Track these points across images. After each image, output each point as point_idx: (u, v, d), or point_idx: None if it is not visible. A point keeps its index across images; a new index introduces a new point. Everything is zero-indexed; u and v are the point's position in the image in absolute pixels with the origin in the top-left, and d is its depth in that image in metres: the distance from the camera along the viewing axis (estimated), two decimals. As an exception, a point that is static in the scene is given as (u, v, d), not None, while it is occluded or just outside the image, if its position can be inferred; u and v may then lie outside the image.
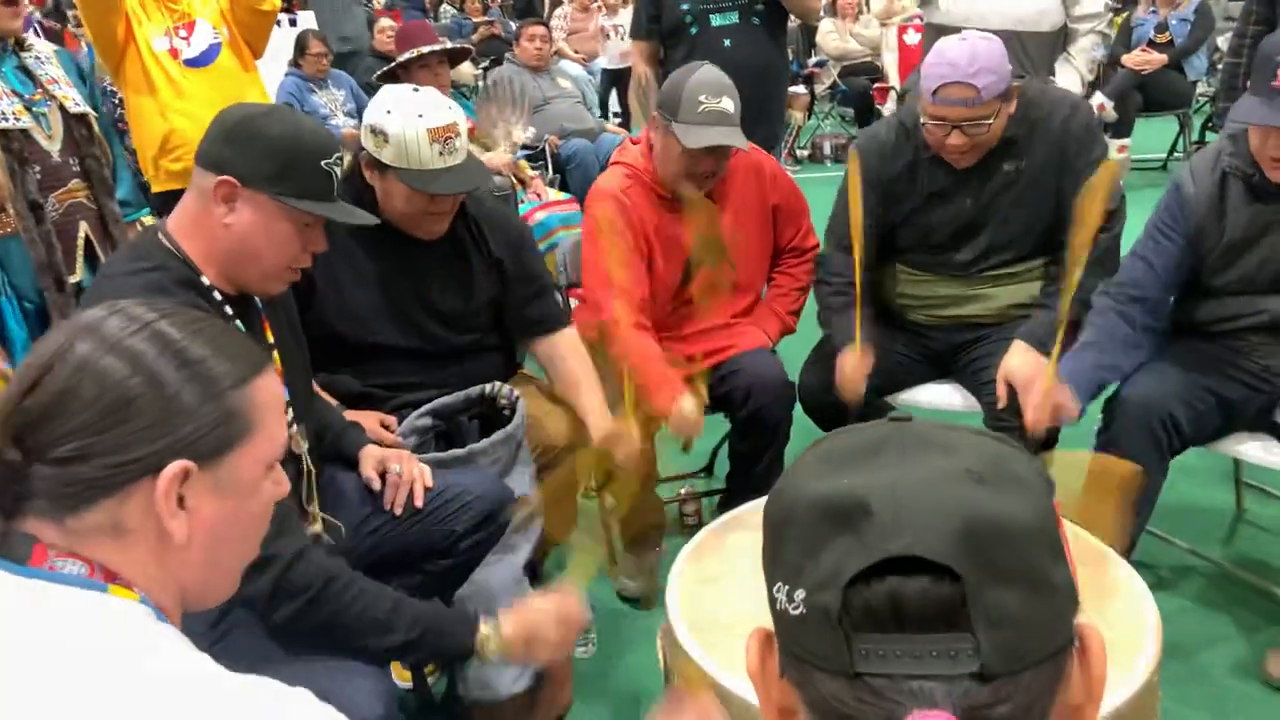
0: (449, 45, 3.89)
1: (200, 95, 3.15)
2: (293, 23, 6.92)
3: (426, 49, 3.72)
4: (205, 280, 1.47)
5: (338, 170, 1.52)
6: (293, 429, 1.60)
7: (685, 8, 3.22)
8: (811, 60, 8.95)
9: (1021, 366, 2.13)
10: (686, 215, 2.34)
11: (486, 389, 2.11)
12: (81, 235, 2.36)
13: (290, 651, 1.40)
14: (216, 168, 1.45)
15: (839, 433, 0.61)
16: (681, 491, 2.79)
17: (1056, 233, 2.28)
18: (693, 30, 3.23)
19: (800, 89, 7.98)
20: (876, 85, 7.59)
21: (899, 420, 0.60)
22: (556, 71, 5.41)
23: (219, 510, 0.83)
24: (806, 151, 8.01)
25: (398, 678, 2.05)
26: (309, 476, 1.65)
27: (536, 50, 5.18)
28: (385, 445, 1.89)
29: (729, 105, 2.24)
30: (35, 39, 2.48)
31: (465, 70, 5.32)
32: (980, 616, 0.50)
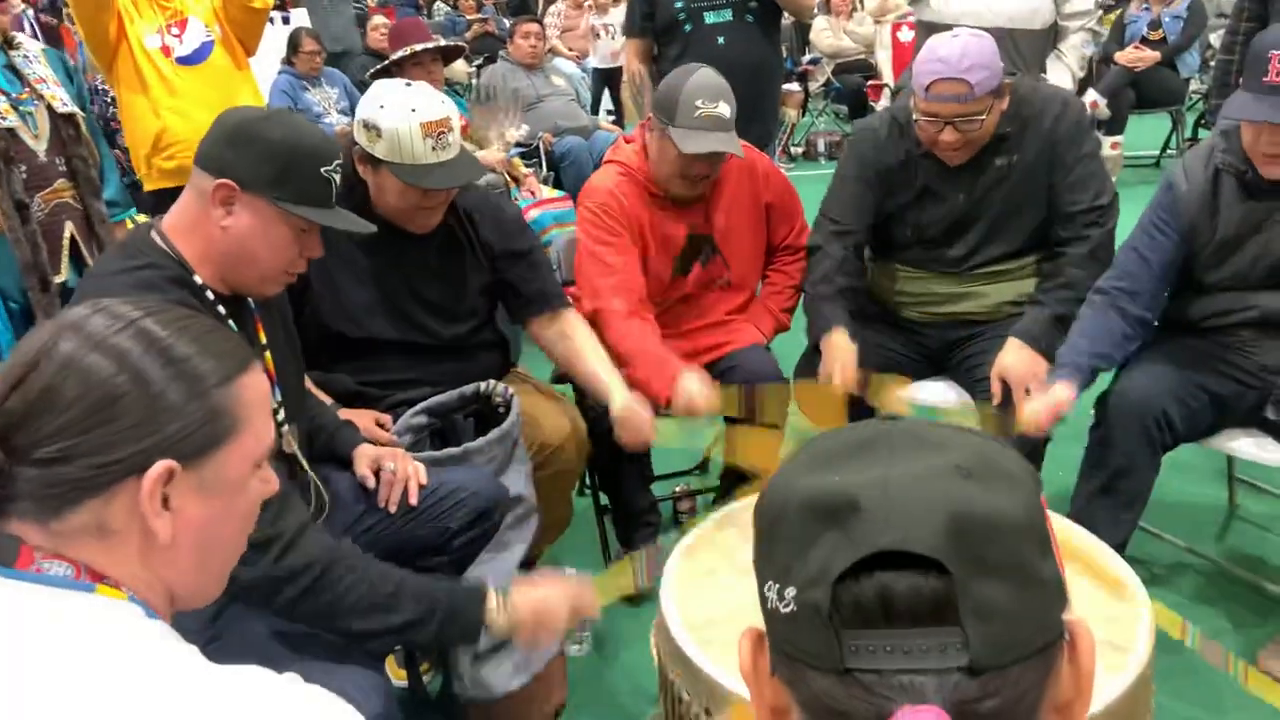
0: (443, 43, 3.90)
1: (193, 93, 3.14)
2: (285, 20, 6.90)
3: (420, 46, 3.72)
4: (198, 279, 1.47)
5: (337, 177, 1.52)
6: (285, 429, 1.60)
7: (679, 5, 3.22)
8: (805, 57, 8.95)
9: (1015, 364, 2.14)
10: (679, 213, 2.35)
11: (481, 387, 2.11)
12: (67, 235, 2.35)
13: (287, 648, 1.40)
14: (216, 170, 1.44)
15: (829, 433, 0.61)
16: (676, 489, 2.79)
17: (1048, 229, 2.29)
18: (686, 28, 3.23)
19: (794, 86, 7.98)
20: (870, 82, 7.61)
21: (889, 419, 0.60)
22: (550, 69, 5.41)
23: (205, 510, 0.83)
24: (801, 149, 8.01)
25: (393, 676, 2.05)
26: (302, 477, 1.65)
27: (531, 48, 5.18)
28: (380, 444, 1.89)
29: (726, 110, 2.23)
30: (24, 37, 2.46)
31: (459, 68, 5.33)
32: (969, 610, 0.51)
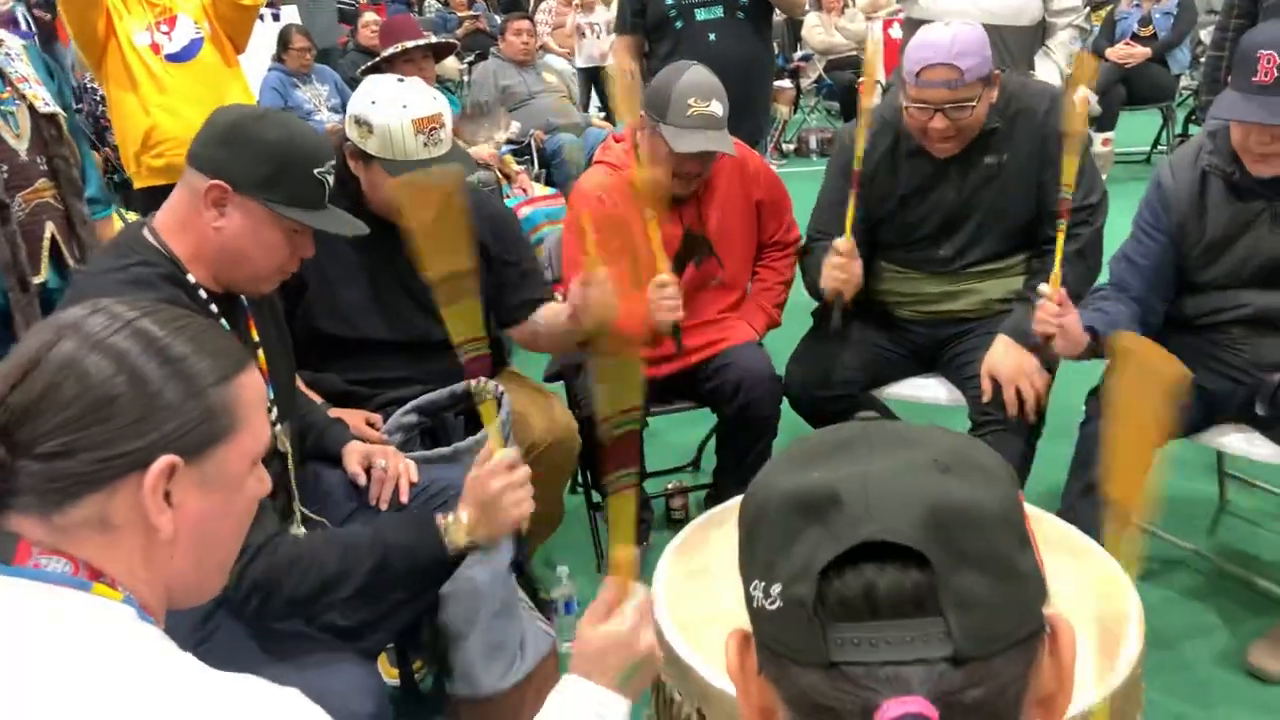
0: (433, 40, 3.87)
1: (182, 91, 3.13)
2: (275, 18, 6.87)
3: (411, 44, 3.70)
4: (190, 278, 1.46)
5: (330, 178, 1.51)
6: (276, 427, 1.59)
7: (670, 2, 3.21)
8: (797, 54, 8.96)
9: (1005, 361, 2.14)
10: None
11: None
12: (47, 236, 2.32)
13: (278, 650, 1.40)
14: (209, 170, 1.43)
15: (809, 435, 0.62)
16: (669, 486, 2.79)
17: (1037, 227, 2.29)
18: (677, 25, 3.23)
19: (786, 83, 7.98)
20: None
21: (867, 421, 0.61)
22: (542, 66, 5.40)
23: (205, 506, 0.84)
24: (792, 146, 8.03)
25: (385, 675, 2.05)
26: (293, 474, 1.64)
27: (523, 45, 5.17)
28: (371, 443, 1.89)
29: (718, 109, 2.23)
30: (4, 34, 2.44)
31: (450, 65, 5.31)
32: (950, 601, 0.52)
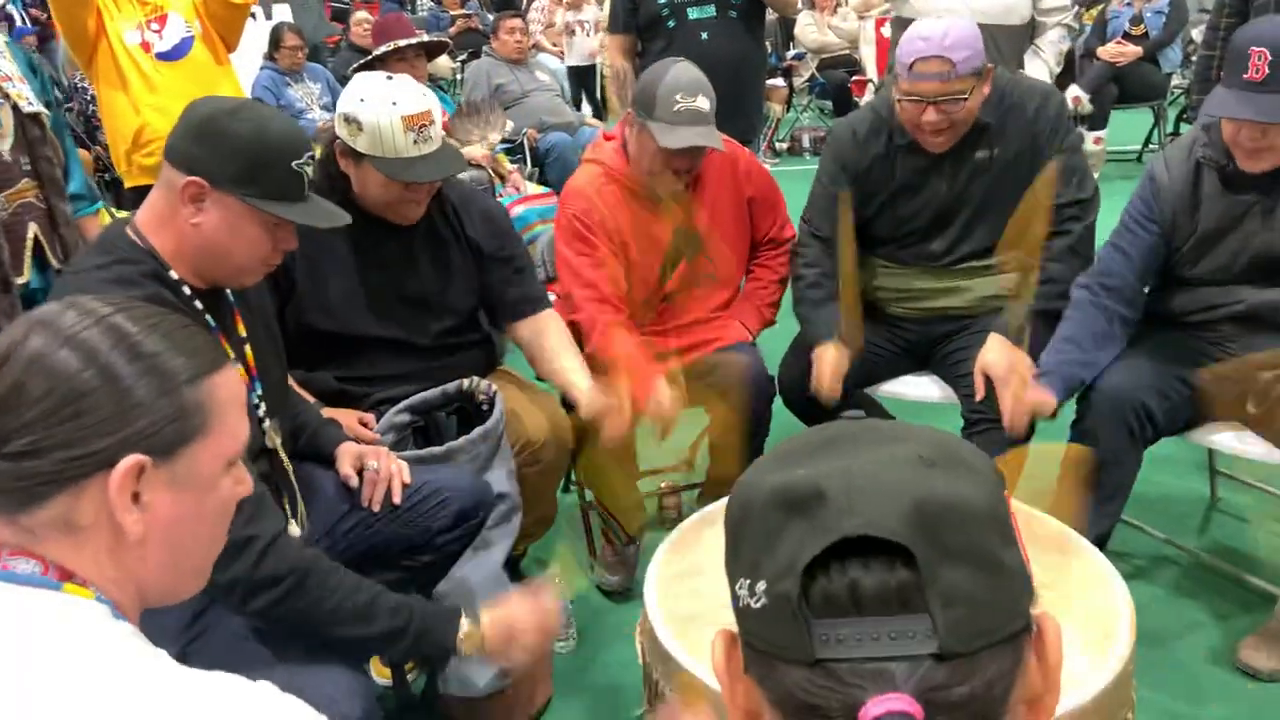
0: (426, 38, 3.87)
1: (173, 89, 3.11)
2: (268, 16, 6.86)
3: (403, 42, 3.70)
4: (174, 275, 1.46)
5: (309, 169, 1.50)
6: (266, 424, 1.59)
7: (662, 1, 3.21)
8: (790, 53, 8.96)
9: (998, 360, 2.14)
10: (662, 211, 2.34)
11: (465, 384, 2.10)
12: (30, 236, 2.31)
13: (268, 650, 1.39)
14: (184, 167, 1.43)
15: (794, 435, 0.62)
16: (662, 485, 2.79)
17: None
18: (670, 24, 3.22)
19: (779, 82, 7.98)
20: (855, 78, 7.61)
21: (853, 419, 0.61)
22: (535, 64, 5.40)
23: (176, 506, 0.82)
24: (785, 144, 8.03)
25: (377, 675, 2.04)
26: (284, 473, 1.64)
27: (516, 44, 5.16)
28: (364, 443, 1.88)
29: (705, 104, 2.23)
30: None
31: (442, 64, 5.30)
32: (935, 596, 0.51)
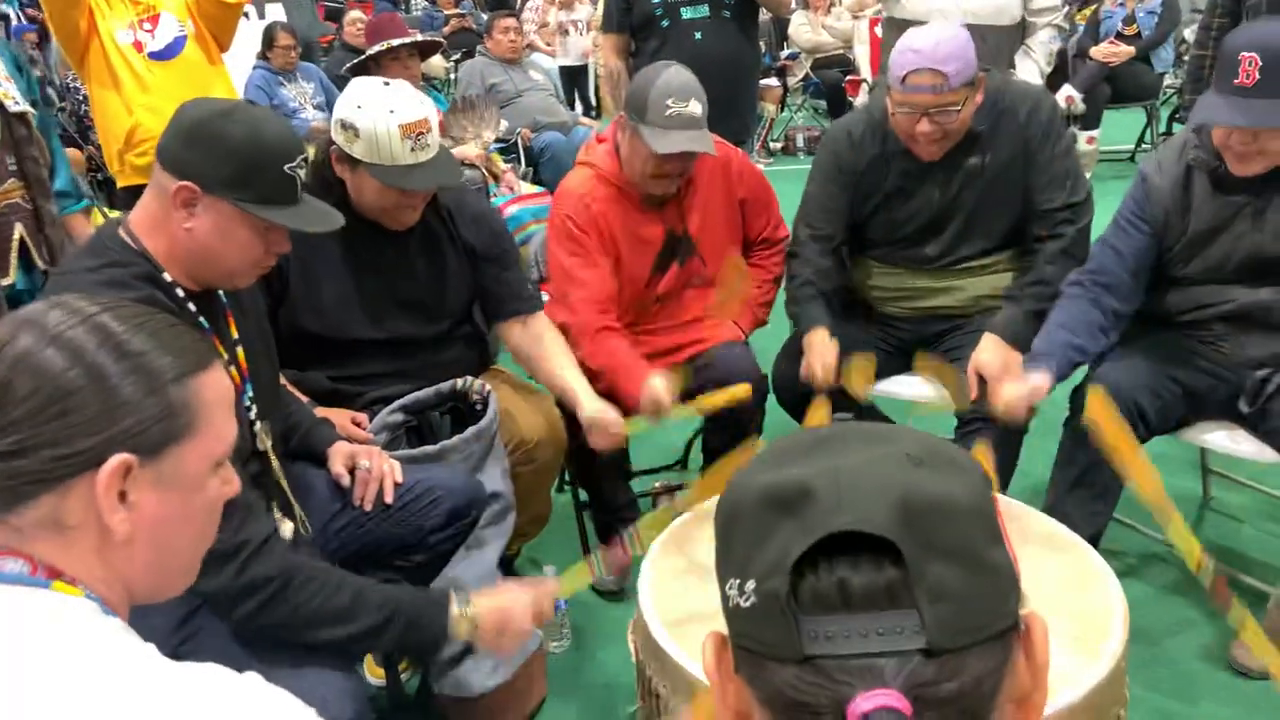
0: (420, 38, 3.87)
1: (165, 89, 3.11)
2: (261, 15, 6.85)
3: (397, 42, 3.70)
4: (167, 277, 1.45)
5: (302, 172, 1.50)
6: (257, 426, 1.59)
7: (656, 0, 3.21)
8: (784, 53, 8.97)
9: (992, 359, 2.15)
10: (654, 213, 2.35)
11: (458, 383, 2.10)
12: (16, 237, 2.29)
13: (258, 650, 1.39)
14: (176, 170, 1.41)
15: (783, 438, 0.63)
16: (655, 485, 2.79)
17: (1023, 226, 2.31)
18: (664, 23, 3.23)
19: (773, 81, 7.99)
20: (849, 78, 7.63)
21: (843, 421, 0.62)
22: (529, 64, 5.40)
23: (162, 506, 0.83)
24: (780, 144, 8.04)
25: (370, 675, 2.04)
26: (279, 473, 1.64)
27: (510, 43, 5.16)
28: (357, 442, 1.88)
29: (697, 108, 2.22)
30: None
31: (436, 63, 5.30)
32: (923, 592, 0.52)
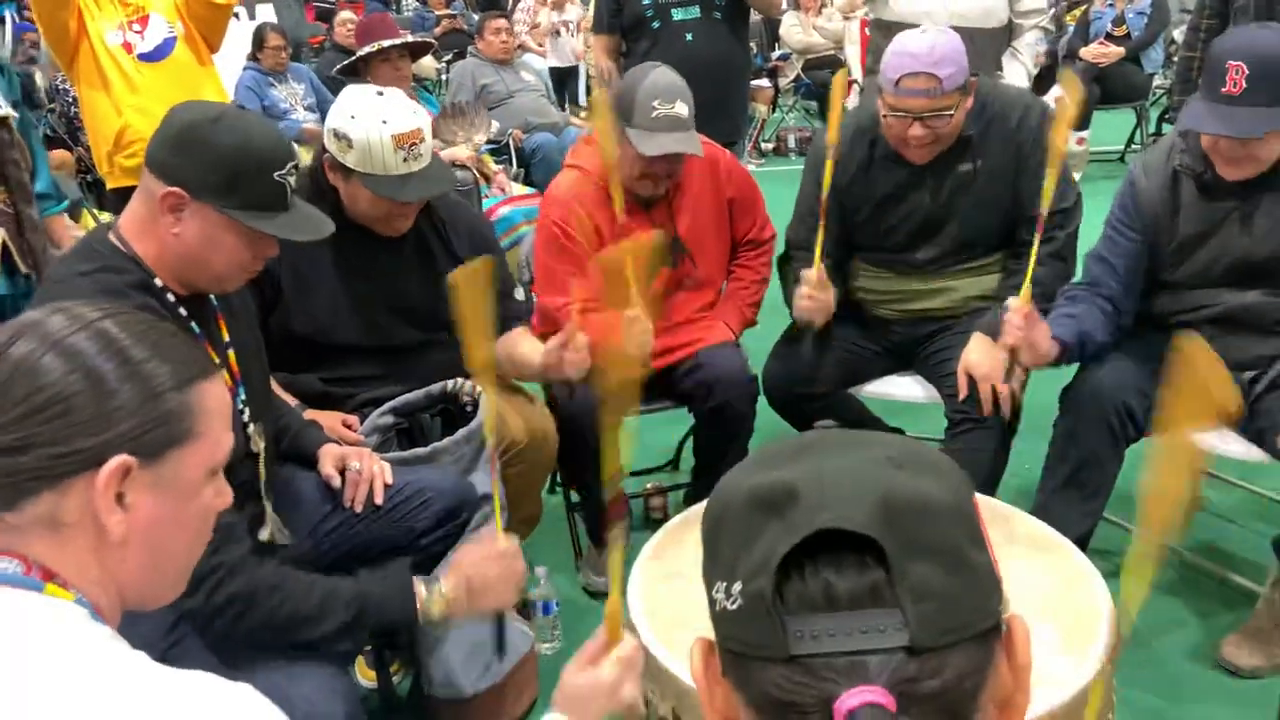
0: (410, 39, 3.87)
1: (155, 90, 3.10)
2: (251, 16, 6.83)
3: (388, 43, 3.69)
4: (158, 282, 1.45)
5: (291, 179, 1.49)
6: (250, 428, 1.58)
7: (647, 2, 3.22)
8: (775, 54, 8.98)
9: (981, 359, 2.15)
10: (642, 214, 2.35)
11: (449, 385, 2.10)
12: None
13: (248, 653, 1.39)
14: (164, 175, 1.41)
15: (768, 443, 0.64)
16: (648, 486, 2.79)
17: (1013, 230, 2.31)
18: (654, 25, 3.23)
19: (764, 82, 8.00)
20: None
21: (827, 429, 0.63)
22: (520, 65, 5.39)
23: (158, 509, 0.84)
24: (771, 145, 8.05)
25: (362, 677, 2.04)
26: (266, 477, 1.63)
27: (502, 44, 5.16)
28: (347, 444, 1.88)
29: (683, 110, 2.22)
30: None
31: (427, 64, 5.29)
32: (905, 590, 0.53)
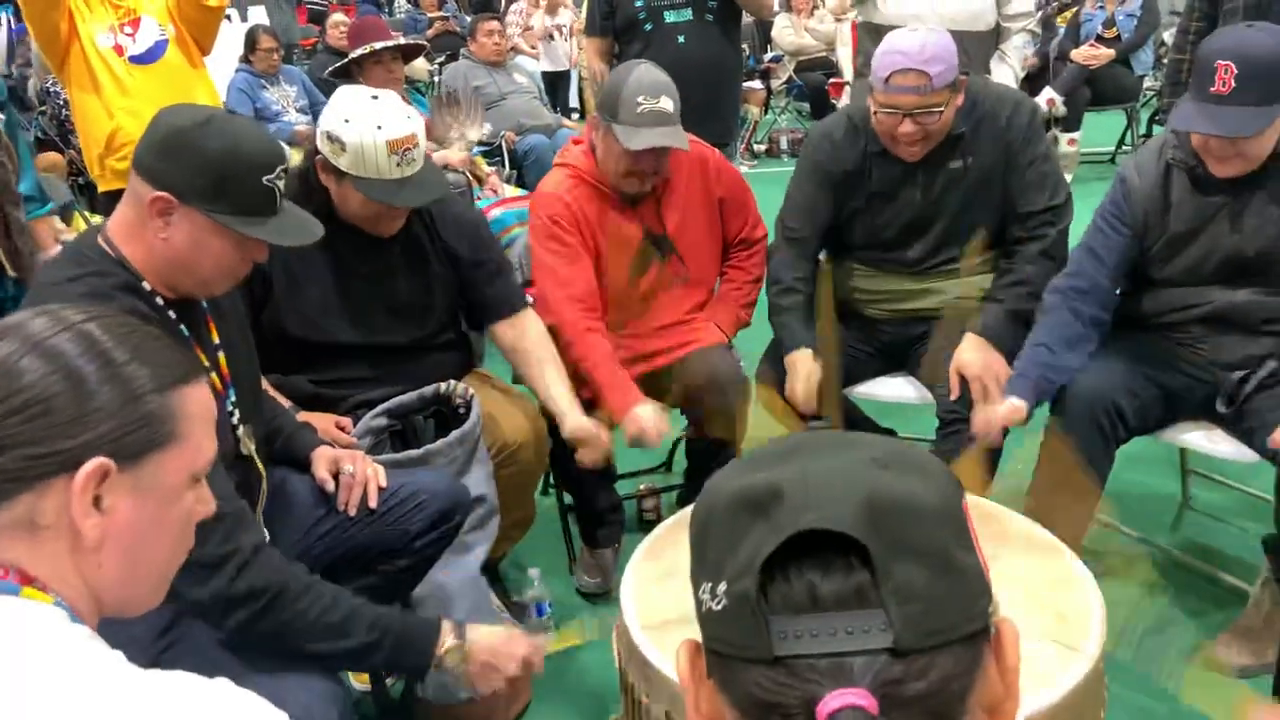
0: (403, 41, 3.86)
1: (146, 93, 3.09)
2: (243, 18, 6.81)
3: (380, 45, 3.69)
4: (146, 286, 1.45)
5: (281, 183, 1.48)
6: (239, 430, 1.58)
7: (639, 4, 3.22)
8: (767, 55, 9.00)
9: (973, 360, 2.16)
10: (632, 212, 2.36)
11: (441, 387, 2.10)
12: None
13: (240, 657, 1.38)
14: (151, 180, 1.41)
15: (756, 448, 0.64)
16: (640, 487, 2.79)
17: (1004, 228, 2.32)
18: (647, 27, 3.24)
19: (756, 84, 8.02)
20: (832, 80, 7.65)
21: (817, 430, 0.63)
22: (512, 67, 5.40)
23: (136, 513, 0.83)
24: (764, 146, 8.06)
25: (355, 680, 2.04)
26: (257, 480, 1.63)
27: (495, 46, 5.16)
28: (340, 447, 1.88)
29: (668, 105, 2.23)
30: None
31: (419, 66, 5.29)
32: (890, 591, 0.53)
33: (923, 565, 0.53)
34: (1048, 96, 6.15)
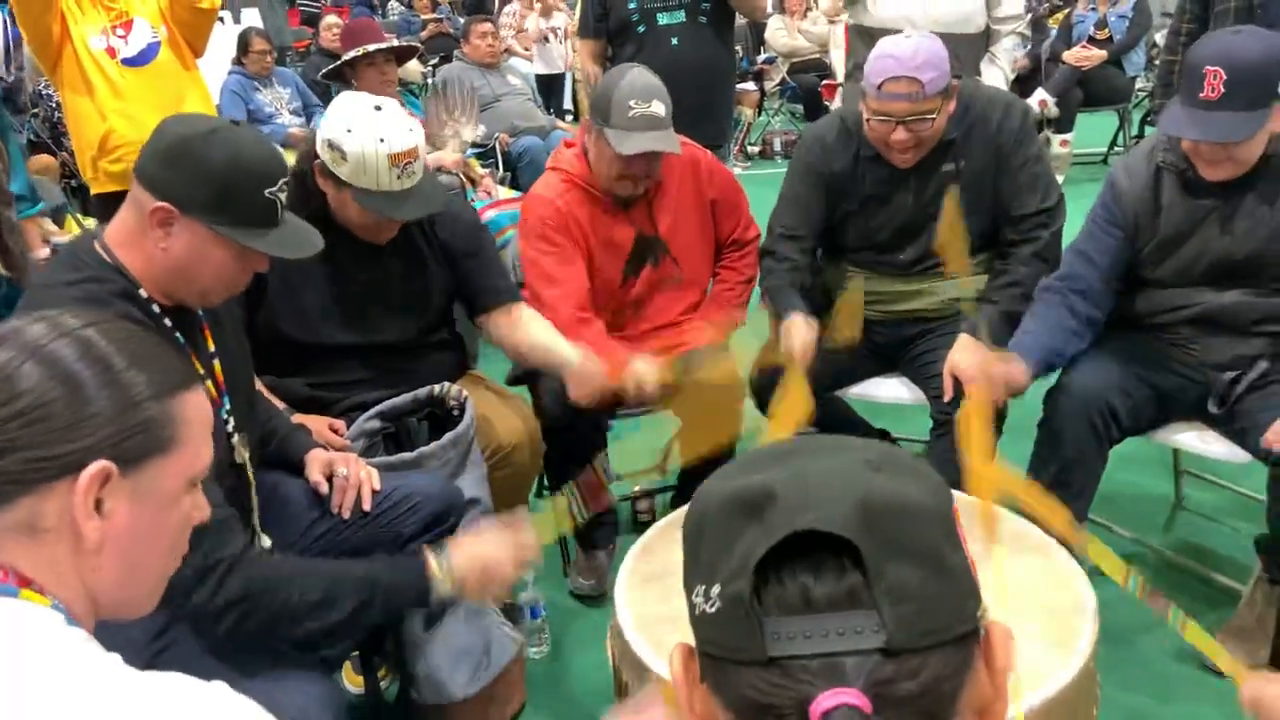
0: (396, 43, 3.87)
1: (139, 95, 3.09)
2: (236, 20, 6.81)
3: (373, 47, 3.69)
4: (143, 293, 1.44)
5: (283, 196, 1.49)
6: (234, 438, 1.58)
7: (632, 6, 3.23)
8: (761, 57, 9.01)
9: (967, 361, 2.17)
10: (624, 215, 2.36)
11: (435, 389, 2.10)
12: None
13: (235, 661, 1.38)
14: (154, 189, 1.40)
15: (749, 450, 0.65)
16: (635, 488, 2.79)
17: (996, 231, 2.33)
18: (640, 29, 3.24)
19: (750, 86, 8.03)
20: (825, 82, 7.66)
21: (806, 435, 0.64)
22: (506, 69, 5.40)
23: (135, 517, 0.84)
24: (757, 148, 8.07)
25: (349, 683, 2.04)
26: (253, 487, 1.63)
27: (488, 48, 5.16)
28: (334, 449, 1.88)
29: (660, 109, 2.24)
30: None
31: (413, 68, 5.27)
32: (883, 592, 0.53)
33: (916, 566, 0.54)
34: (1040, 98, 6.17)
